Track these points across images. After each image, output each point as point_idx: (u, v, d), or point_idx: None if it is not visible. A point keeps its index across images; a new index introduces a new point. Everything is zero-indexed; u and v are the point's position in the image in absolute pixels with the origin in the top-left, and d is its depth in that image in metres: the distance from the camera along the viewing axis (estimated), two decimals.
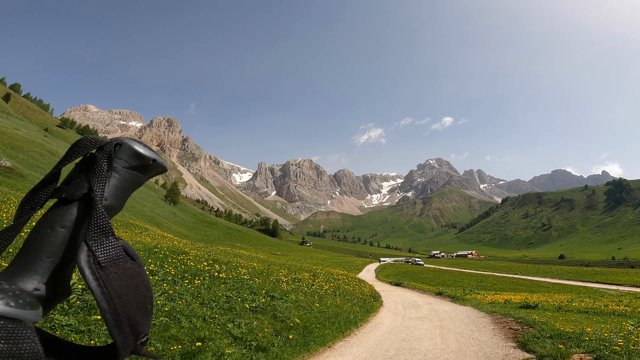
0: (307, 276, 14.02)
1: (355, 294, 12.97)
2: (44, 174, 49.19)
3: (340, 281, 15.67)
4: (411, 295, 17.21)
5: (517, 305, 13.58)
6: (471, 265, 71.55)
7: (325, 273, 17.72)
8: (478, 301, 15.19)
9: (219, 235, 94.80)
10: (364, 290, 14.67)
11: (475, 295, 17.97)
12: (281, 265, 16.68)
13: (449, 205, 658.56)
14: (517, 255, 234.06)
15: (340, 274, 20.96)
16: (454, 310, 11.83)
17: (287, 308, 7.68)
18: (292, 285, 10.63)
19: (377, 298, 14.03)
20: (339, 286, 13.76)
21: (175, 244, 16.21)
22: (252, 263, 13.51)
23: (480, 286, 28.66)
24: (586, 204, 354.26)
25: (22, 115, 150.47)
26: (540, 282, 33.67)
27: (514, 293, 23.26)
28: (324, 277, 15.37)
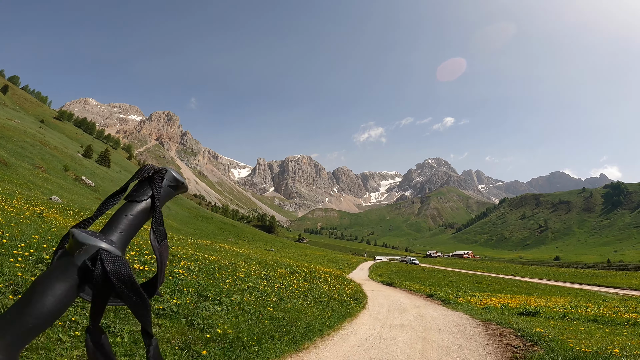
0: (281, 272, 12.62)
1: (332, 295, 11.62)
2: (32, 164, 47.67)
3: (321, 279, 14.34)
4: (400, 297, 15.91)
5: (515, 312, 12.17)
6: (467, 266, 70.53)
7: (308, 270, 16.38)
8: (471, 305, 13.82)
9: (213, 230, 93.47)
10: (344, 291, 13.31)
11: (469, 298, 16.47)
12: (258, 260, 15.30)
13: (447, 205, 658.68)
14: (513, 256, 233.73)
15: (325, 271, 19.60)
16: (443, 317, 10.54)
17: (218, 312, 6.13)
18: (249, 283, 9.13)
19: (359, 300, 12.71)
20: (316, 285, 12.38)
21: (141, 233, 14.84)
22: (210, 256, 12.05)
23: (475, 287, 27.45)
24: (583, 206, 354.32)
25: (19, 107, 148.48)
26: (536, 284, 32.51)
27: (509, 295, 22.02)
28: (302, 275, 13.98)
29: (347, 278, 19.93)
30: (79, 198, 35.28)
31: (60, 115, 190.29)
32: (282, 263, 17.69)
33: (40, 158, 52.80)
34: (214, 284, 7.78)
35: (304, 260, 54.43)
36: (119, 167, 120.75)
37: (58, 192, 34.40)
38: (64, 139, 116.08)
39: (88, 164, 76.62)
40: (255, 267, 11.93)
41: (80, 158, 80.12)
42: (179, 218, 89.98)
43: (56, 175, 47.69)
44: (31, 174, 37.95)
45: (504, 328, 7.99)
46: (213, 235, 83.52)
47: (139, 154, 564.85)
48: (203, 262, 10.09)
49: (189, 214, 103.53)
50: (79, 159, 76.91)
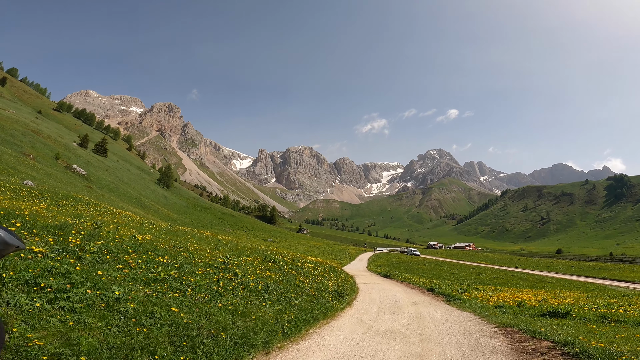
0: (249, 261, 10.77)
1: (307, 289, 9.61)
2: (20, 151, 46.11)
3: (301, 270, 12.66)
4: (396, 291, 14.37)
5: (538, 312, 9.98)
6: (469, 257, 69.19)
7: (290, 259, 14.68)
8: (480, 303, 11.59)
9: (211, 219, 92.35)
10: (327, 285, 11.35)
11: (476, 293, 14.53)
12: (235, 248, 13.60)
13: (449, 196, 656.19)
14: (515, 248, 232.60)
15: (312, 261, 17.97)
16: (446, 319, 8.60)
17: (56, 317, 3.91)
18: (172, 272, 6.75)
19: (345, 295, 10.92)
20: (289, 278, 10.35)
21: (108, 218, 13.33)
22: (147, 237, 10.15)
23: (479, 280, 26.00)
24: (586, 198, 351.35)
25: (17, 99, 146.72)
26: (542, 277, 31.04)
27: (516, 289, 20.53)
28: (279, 265, 12.21)
29: (337, 269, 18.19)
30: (62, 185, 33.87)
31: (60, 106, 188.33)
32: (262, 251, 15.87)
33: (30, 146, 51.35)
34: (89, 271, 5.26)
35: (301, 251, 53.12)
36: (117, 157, 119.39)
37: (42, 179, 33.02)
38: (61, 129, 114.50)
39: (83, 153, 75.18)
40: (215, 254, 10.09)
41: (75, 147, 78.65)
42: (176, 208, 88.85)
43: (45, 163, 46.29)
44: (16, 161, 36.55)
45: (537, 339, 5.76)
46: (211, 225, 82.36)
47: (141, 145, 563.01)
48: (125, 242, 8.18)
49: (187, 204, 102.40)
50: (73, 148, 75.45)
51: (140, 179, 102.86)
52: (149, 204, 67.19)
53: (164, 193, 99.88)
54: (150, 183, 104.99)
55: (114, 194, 53.88)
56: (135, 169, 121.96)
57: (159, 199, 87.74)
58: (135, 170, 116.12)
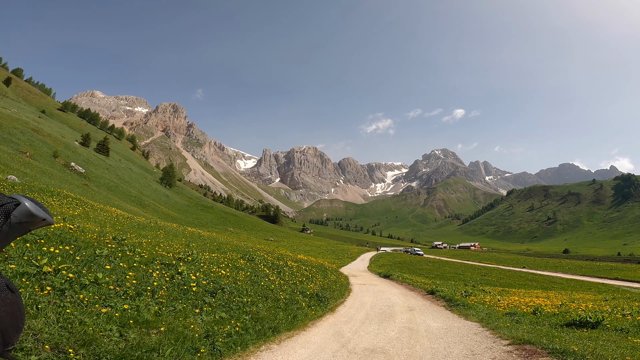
0: (218, 257, 9.54)
1: (277, 292, 8.07)
2: (16, 149, 45.50)
3: (284, 269, 11.46)
4: (393, 294, 13.20)
5: (560, 320, 8.11)
6: (474, 257, 67.70)
7: (274, 257, 13.43)
8: (488, 309, 10.04)
9: (212, 219, 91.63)
10: (306, 287, 9.88)
11: (482, 296, 13.07)
12: (207, 243, 12.45)
13: (453, 196, 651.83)
14: (521, 248, 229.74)
15: (300, 259, 16.77)
16: (445, 332, 7.20)
17: None
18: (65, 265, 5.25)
19: (327, 300, 9.53)
20: (259, 278, 8.83)
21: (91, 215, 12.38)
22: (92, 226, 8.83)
23: (484, 280, 24.76)
24: (593, 198, 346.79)
25: (22, 98, 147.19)
26: (552, 278, 29.69)
27: (524, 291, 19.28)
28: (254, 264, 10.92)
29: (328, 269, 16.90)
30: (55, 182, 33.17)
31: (64, 106, 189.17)
32: (243, 248, 14.57)
33: (28, 144, 50.84)
34: None
35: (302, 250, 52.06)
36: (120, 157, 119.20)
37: (35, 175, 32.34)
38: (64, 129, 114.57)
39: (83, 152, 74.77)
40: (175, 249, 8.79)
41: (76, 146, 78.29)
42: (178, 207, 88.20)
43: (42, 161, 45.68)
44: (10, 158, 35.92)
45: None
46: (212, 225, 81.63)
47: (146, 145, 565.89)
48: None
49: (189, 203, 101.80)
50: (74, 147, 75.06)
51: (142, 178, 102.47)
52: (149, 202, 66.52)
53: (166, 192, 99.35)
54: (152, 182, 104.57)
55: (112, 192, 53.20)
56: (138, 168, 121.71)
57: (160, 197, 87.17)
58: (137, 170, 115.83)
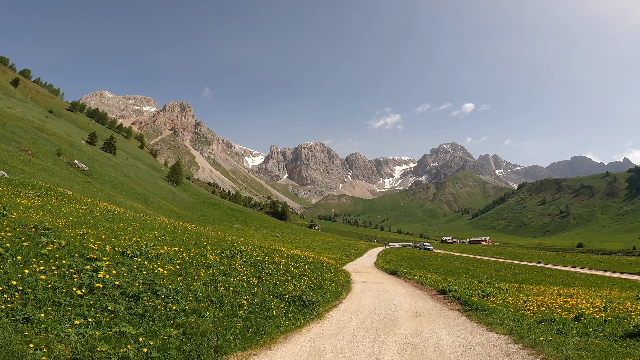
0: (178, 252, 8.30)
1: (241, 296, 6.42)
2: (18, 147, 45.08)
3: (269, 266, 10.17)
4: (398, 294, 11.83)
5: (617, 331, 6.16)
6: (486, 252, 65.78)
7: (263, 253, 12.03)
8: (515, 313, 7.98)
9: (219, 215, 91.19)
10: (286, 288, 8.10)
11: (503, 296, 11.04)
12: (189, 236, 11.15)
13: (463, 190, 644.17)
14: (533, 242, 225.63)
15: (294, 255, 15.28)
16: (464, 352, 5.41)
17: None
18: None
19: (313, 305, 7.91)
20: (222, 278, 7.24)
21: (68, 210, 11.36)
22: None
23: (499, 276, 23.27)
24: (606, 191, 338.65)
25: (30, 99, 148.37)
26: (571, 273, 28.01)
27: (543, 287, 17.80)
28: (234, 259, 9.62)
29: (326, 266, 15.36)
30: (55, 179, 32.56)
31: (73, 106, 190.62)
32: (230, 242, 13.10)
33: (31, 143, 50.58)
34: None
35: (308, 246, 50.96)
36: (127, 155, 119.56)
37: (33, 172, 31.76)
38: (71, 128, 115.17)
39: (89, 150, 74.68)
40: (132, 244, 7.51)
41: (82, 144, 78.30)
42: (184, 204, 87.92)
43: (45, 158, 45.32)
44: (9, 155, 35.45)
45: None
46: (218, 221, 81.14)
47: (155, 144, 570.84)
48: None
49: (196, 200, 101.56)
50: (79, 145, 75.03)
51: (149, 175, 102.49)
52: (154, 199, 66.12)
53: (173, 189, 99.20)
54: (159, 180, 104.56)
55: (116, 190, 52.75)
56: (145, 166, 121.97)
57: (167, 195, 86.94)
58: (144, 168, 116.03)
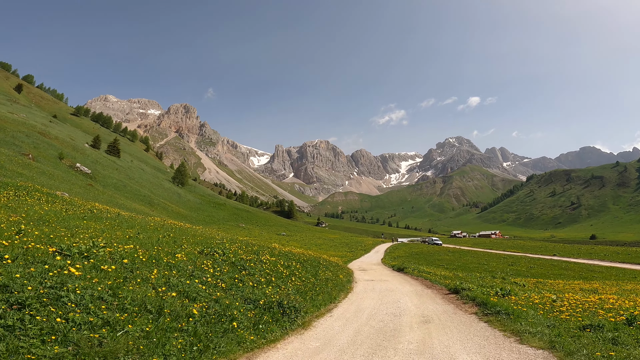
0: (132, 251, 6.95)
1: (192, 302, 5.44)
2: (18, 151, 44.68)
3: (252, 267, 8.98)
4: (404, 294, 10.68)
5: None
6: (497, 245, 64.20)
7: (252, 251, 10.89)
8: (546, 316, 6.73)
9: (224, 215, 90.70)
10: (263, 292, 6.84)
11: (527, 294, 9.54)
12: (167, 233, 10.09)
13: (471, 184, 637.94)
14: (545, 235, 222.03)
15: (290, 253, 14.12)
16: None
17: None
18: None
19: (296, 312, 6.63)
20: (182, 280, 6.07)
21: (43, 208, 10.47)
22: None
23: (514, 271, 22.04)
24: (617, 181, 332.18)
25: (34, 105, 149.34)
26: (589, 266, 26.61)
27: (562, 281, 16.55)
28: (211, 259, 8.44)
29: (323, 264, 13.98)
30: (54, 182, 32.04)
31: (77, 111, 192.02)
32: (211, 240, 11.83)
33: (33, 147, 50.30)
34: None
35: (314, 244, 50.03)
36: (132, 158, 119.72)
37: (32, 176, 31.26)
38: (75, 132, 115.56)
39: (92, 154, 74.54)
40: (96, 240, 6.66)
41: (85, 148, 78.21)
42: (189, 205, 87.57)
43: (46, 162, 44.95)
44: (8, 159, 35.02)
45: None
46: (223, 221, 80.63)
47: (160, 146, 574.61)
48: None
49: (202, 201, 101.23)
50: (83, 148, 74.90)
51: (154, 177, 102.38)
52: (159, 201, 65.69)
53: (178, 191, 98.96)
54: (164, 181, 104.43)
55: (119, 192, 52.31)
56: (150, 168, 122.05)
57: (172, 196, 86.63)
58: (150, 170, 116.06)
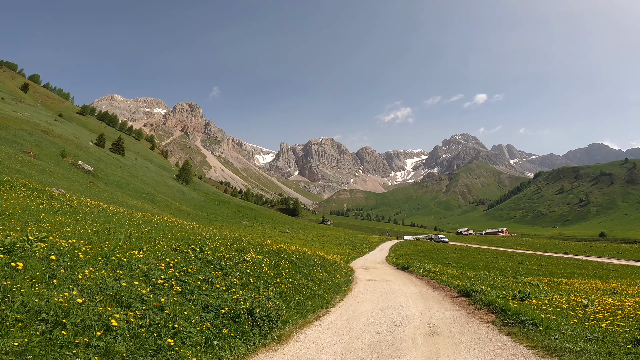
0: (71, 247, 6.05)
1: (116, 313, 4.30)
2: (19, 149, 44.33)
3: (230, 263, 7.77)
4: (407, 296, 9.78)
5: None
6: (506, 243, 62.87)
7: (235, 249, 9.83)
8: (581, 326, 5.76)
9: (228, 213, 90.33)
10: (231, 297, 5.92)
11: (549, 297, 8.37)
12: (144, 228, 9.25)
13: (477, 181, 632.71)
14: (553, 232, 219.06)
15: (282, 251, 12.94)
16: None
17: None
18: None
19: (269, 323, 5.75)
20: (119, 284, 5.10)
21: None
22: None
23: (524, 269, 21.05)
24: (627, 178, 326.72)
25: (40, 104, 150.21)
26: (603, 264, 25.49)
27: (578, 281, 15.62)
28: (181, 256, 7.49)
29: (318, 262, 12.83)
30: (52, 179, 31.62)
31: (83, 110, 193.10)
32: (193, 237, 10.62)
33: (35, 145, 50.10)
34: None
35: (317, 242, 49.27)
36: (137, 156, 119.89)
37: (30, 173, 30.86)
38: (80, 131, 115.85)
39: (96, 151, 74.45)
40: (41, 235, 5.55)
41: (89, 146, 78.18)
42: (193, 203, 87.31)
43: (47, 160, 44.68)
44: (7, 157, 34.72)
45: None
46: (227, 219, 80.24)
47: (166, 145, 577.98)
48: None
49: (206, 199, 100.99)
50: (86, 147, 74.83)
51: (159, 175, 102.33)
52: (162, 199, 65.37)
53: (182, 188, 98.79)
54: (168, 179, 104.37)
55: (121, 189, 52.00)
56: (155, 166, 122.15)
57: (176, 194, 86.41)
58: (154, 168, 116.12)
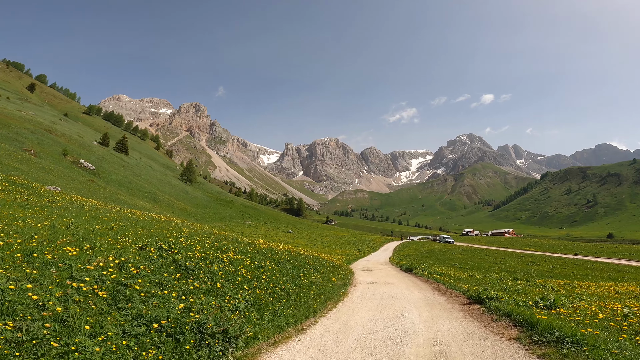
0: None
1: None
2: (20, 147, 44.08)
3: (201, 263, 6.37)
4: (411, 303, 8.80)
5: None
6: (513, 244, 61.61)
7: (215, 247, 8.99)
8: (633, 344, 5.02)
9: (231, 213, 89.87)
10: (175, 309, 4.95)
11: (578, 304, 7.70)
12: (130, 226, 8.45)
13: (482, 181, 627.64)
14: (560, 233, 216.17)
15: (269, 250, 11.86)
16: None
17: None
18: None
19: (220, 341, 4.73)
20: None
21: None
22: None
23: (535, 271, 20.08)
24: (635, 178, 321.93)
25: (47, 103, 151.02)
26: (616, 266, 24.42)
27: (593, 283, 14.66)
28: (144, 254, 6.28)
29: (311, 264, 11.65)
30: (51, 177, 31.21)
31: (89, 110, 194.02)
32: (168, 235, 9.57)
33: (36, 143, 49.92)
34: None
35: (320, 242, 48.49)
36: (141, 155, 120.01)
37: (28, 170, 30.45)
38: (85, 130, 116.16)
39: (99, 150, 74.34)
40: None
41: (92, 145, 78.13)
42: (196, 202, 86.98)
43: (48, 158, 44.39)
44: (7, 154, 34.40)
45: None
46: (230, 219, 79.75)
47: (172, 145, 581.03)
48: None
49: (209, 198, 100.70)
50: (90, 145, 74.76)
51: (162, 175, 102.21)
52: (164, 198, 65.01)
53: (185, 188, 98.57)
54: (172, 179, 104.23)
55: (122, 188, 51.65)
56: (159, 166, 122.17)
57: (179, 193, 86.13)
58: (158, 167, 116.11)
